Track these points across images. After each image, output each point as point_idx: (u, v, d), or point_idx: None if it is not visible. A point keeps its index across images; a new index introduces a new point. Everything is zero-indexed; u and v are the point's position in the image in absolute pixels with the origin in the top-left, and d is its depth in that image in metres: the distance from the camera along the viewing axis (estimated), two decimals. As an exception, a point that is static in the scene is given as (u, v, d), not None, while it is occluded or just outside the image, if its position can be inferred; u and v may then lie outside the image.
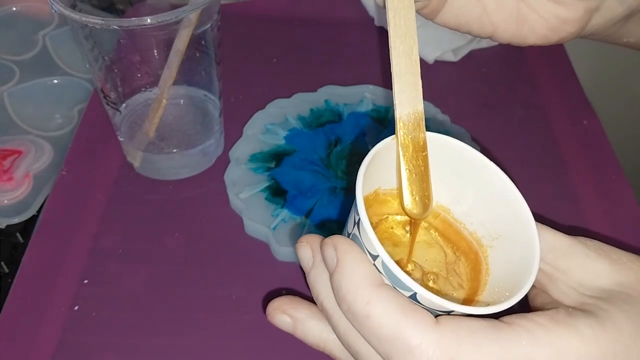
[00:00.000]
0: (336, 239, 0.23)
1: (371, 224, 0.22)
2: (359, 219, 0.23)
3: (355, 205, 0.23)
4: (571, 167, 0.48)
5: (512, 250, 0.25)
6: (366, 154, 0.24)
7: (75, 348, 0.36)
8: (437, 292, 0.26)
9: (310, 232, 0.40)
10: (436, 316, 0.21)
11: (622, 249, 0.24)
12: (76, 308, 0.38)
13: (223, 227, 0.42)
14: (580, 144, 0.50)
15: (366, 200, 0.23)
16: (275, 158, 0.45)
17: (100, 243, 0.41)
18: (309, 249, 0.25)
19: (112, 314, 0.38)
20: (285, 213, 0.41)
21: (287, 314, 0.26)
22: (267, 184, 0.43)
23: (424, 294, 0.21)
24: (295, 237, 0.40)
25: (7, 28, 0.62)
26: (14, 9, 0.64)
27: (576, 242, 0.24)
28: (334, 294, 0.23)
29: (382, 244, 0.22)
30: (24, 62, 0.59)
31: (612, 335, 0.20)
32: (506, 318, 0.21)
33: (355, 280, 0.22)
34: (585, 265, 0.23)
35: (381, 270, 0.22)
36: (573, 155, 0.49)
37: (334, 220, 0.41)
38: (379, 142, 0.25)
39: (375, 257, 0.22)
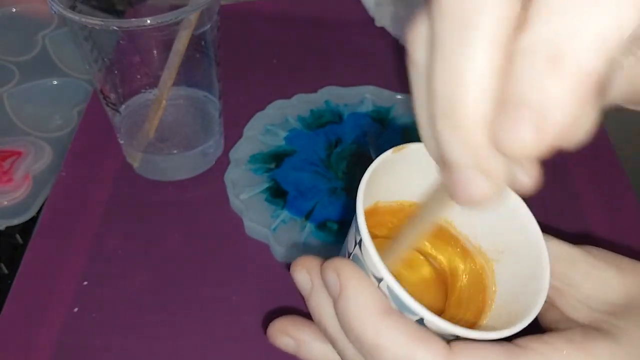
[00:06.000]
0: (337, 263, 0.22)
1: (373, 241, 0.21)
2: (361, 239, 0.22)
3: (356, 223, 0.22)
4: (572, 169, 0.48)
5: (519, 264, 0.24)
6: (367, 154, 0.24)
7: (75, 349, 0.36)
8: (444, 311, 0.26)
9: (310, 233, 0.40)
10: (448, 341, 0.21)
11: (625, 252, 0.24)
12: (76, 309, 0.38)
13: (223, 228, 0.42)
14: (581, 145, 0.50)
15: (366, 214, 0.22)
16: (275, 159, 0.45)
17: (99, 244, 0.41)
18: (306, 273, 0.24)
19: (111, 316, 0.38)
20: (285, 214, 0.41)
21: (289, 336, 0.25)
22: (267, 185, 0.43)
23: (431, 319, 0.20)
24: (295, 238, 0.40)
25: (7, 29, 0.62)
26: (14, 10, 0.64)
27: (582, 251, 0.24)
28: (339, 321, 0.22)
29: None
30: (23, 63, 0.59)
31: (628, 354, 0.20)
32: (520, 341, 0.20)
33: (361, 309, 0.21)
34: (593, 276, 0.23)
35: (386, 293, 0.21)
36: (574, 157, 0.49)
37: (335, 221, 0.41)
38: (379, 143, 0.24)
39: (379, 280, 0.21)
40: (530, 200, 0.24)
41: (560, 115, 0.15)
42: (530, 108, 0.15)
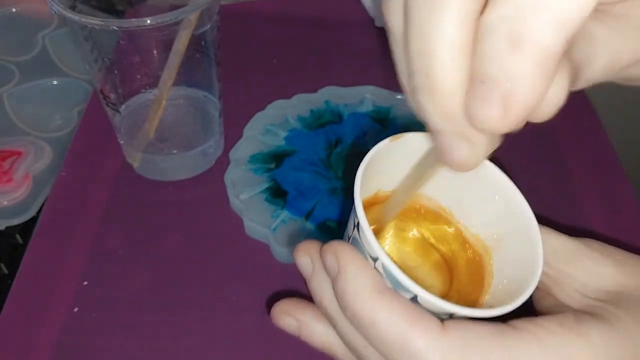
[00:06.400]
0: (335, 245, 0.23)
1: (374, 230, 0.22)
2: (358, 221, 0.22)
3: (354, 207, 0.23)
4: (572, 167, 0.48)
5: (515, 251, 0.24)
6: (367, 154, 0.24)
7: (75, 349, 0.36)
8: (442, 294, 0.26)
9: (310, 233, 0.40)
10: (442, 320, 0.21)
11: (624, 249, 0.24)
12: (76, 309, 0.38)
13: (223, 228, 0.42)
14: (580, 144, 0.50)
15: (367, 203, 0.22)
16: (275, 159, 0.45)
17: (99, 244, 0.41)
18: (307, 257, 0.25)
19: (111, 316, 0.38)
20: (285, 214, 0.41)
21: (292, 316, 0.26)
22: (267, 185, 0.43)
23: (425, 296, 0.21)
24: (295, 238, 0.40)
25: (7, 29, 0.62)
26: (14, 10, 0.64)
27: (580, 244, 0.24)
28: (337, 301, 0.23)
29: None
30: (23, 63, 0.59)
31: (622, 340, 0.20)
32: (514, 322, 0.21)
33: (358, 288, 0.21)
34: (589, 267, 0.23)
35: (382, 272, 0.22)
36: (573, 156, 0.49)
37: (335, 221, 0.41)
38: (379, 142, 0.25)
39: (375, 260, 0.22)
40: (531, 201, 0.24)
41: (525, 92, 0.15)
42: (496, 86, 0.15)
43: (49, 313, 0.37)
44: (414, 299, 0.21)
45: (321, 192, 0.42)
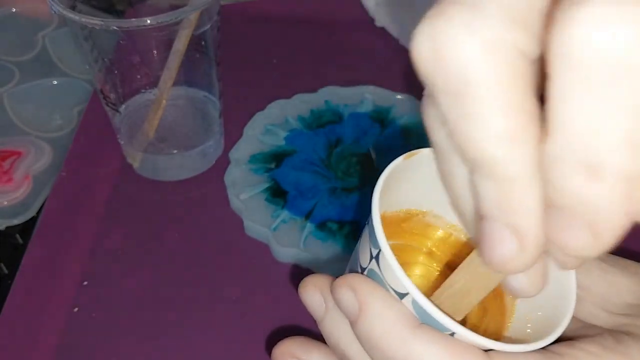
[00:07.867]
0: (352, 279, 0.20)
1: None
2: (379, 251, 0.20)
3: (373, 235, 0.20)
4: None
5: None
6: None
7: (75, 350, 0.36)
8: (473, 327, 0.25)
9: (310, 233, 0.40)
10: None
11: (624, 251, 0.24)
12: (76, 310, 0.38)
13: (223, 228, 0.42)
14: None
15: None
16: (275, 159, 0.45)
17: (100, 244, 0.41)
18: (318, 293, 0.22)
19: (112, 316, 0.38)
20: (285, 214, 0.41)
21: (297, 359, 0.24)
22: (267, 185, 0.43)
23: (464, 334, 0.19)
24: (295, 238, 0.40)
25: (7, 29, 0.62)
26: (14, 9, 0.64)
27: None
28: (361, 343, 0.20)
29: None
30: (23, 63, 0.59)
31: None
32: (553, 348, 0.20)
33: (388, 324, 0.19)
34: (606, 280, 0.23)
35: (411, 309, 0.20)
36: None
37: (335, 221, 0.41)
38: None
39: (403, 295, 0.19)
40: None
41: (614, 219, 0.14)
42: (579, 216, 0.14)
43: (49, 313, 0.37)
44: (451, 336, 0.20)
45: (321, 192, 0.42)
